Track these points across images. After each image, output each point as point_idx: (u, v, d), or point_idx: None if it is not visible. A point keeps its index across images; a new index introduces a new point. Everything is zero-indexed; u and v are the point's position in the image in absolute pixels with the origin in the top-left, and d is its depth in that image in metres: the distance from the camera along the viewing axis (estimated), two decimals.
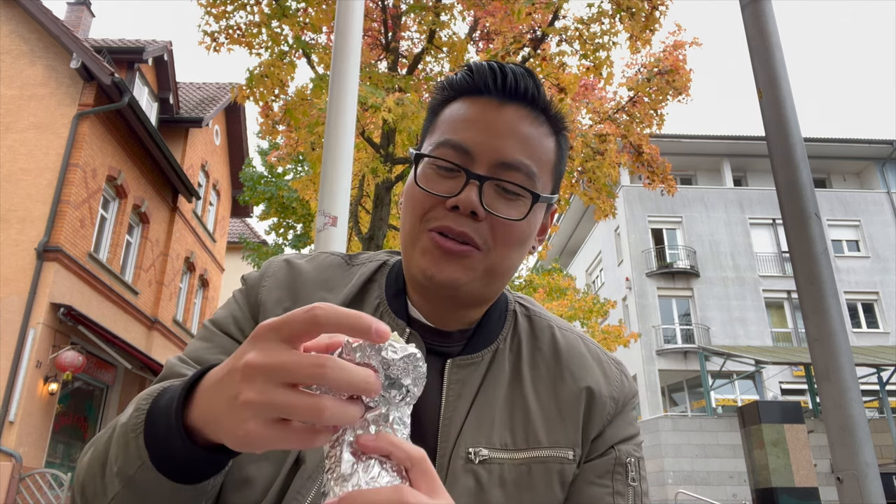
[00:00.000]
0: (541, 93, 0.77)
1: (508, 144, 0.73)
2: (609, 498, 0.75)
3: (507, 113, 0.75)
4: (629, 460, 0.78)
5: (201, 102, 16.34)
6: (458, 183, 0.72)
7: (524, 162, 0.74)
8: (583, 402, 0.78)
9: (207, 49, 8.03)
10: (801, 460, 6.64)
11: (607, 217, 9.73)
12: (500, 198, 0.73)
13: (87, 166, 11.09)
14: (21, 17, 11.50)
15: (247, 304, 0.81)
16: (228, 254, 20.36)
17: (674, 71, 9.85)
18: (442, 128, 0.77)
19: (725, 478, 16.90)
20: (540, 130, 0.76)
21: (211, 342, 0.78)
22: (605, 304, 17.02)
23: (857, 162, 25.30)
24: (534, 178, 0.74)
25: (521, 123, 0.75)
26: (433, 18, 7.75)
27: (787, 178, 1.98)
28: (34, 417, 9.74)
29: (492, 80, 0.75)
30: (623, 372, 0.86)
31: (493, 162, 0.73)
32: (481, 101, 0.76)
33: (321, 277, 0.82)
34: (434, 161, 0.75)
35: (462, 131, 0.74)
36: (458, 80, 0.78)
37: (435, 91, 0.83)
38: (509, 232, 0.73)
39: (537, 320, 0.85)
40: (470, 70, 0.78)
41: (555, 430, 0.76)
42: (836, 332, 1.79)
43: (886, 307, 22.32)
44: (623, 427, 0.80)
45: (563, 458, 0.75)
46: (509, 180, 0.73)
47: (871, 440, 1.70)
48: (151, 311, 13.81)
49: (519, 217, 0.73)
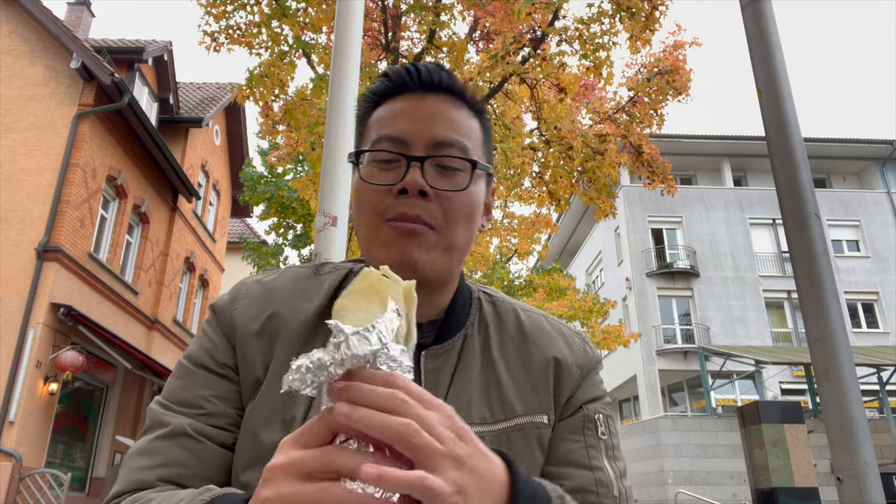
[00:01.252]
0: (455, 81, 0.84)
1: (438, 126, 0.80)
2: (583, 451, 0.80)
3: (430, 101, 0.81)
4: (598, 416, 0.83)
5: (201, 102, 16.34)
6: (400, 171, 0.77)
7: (456, 138, 0.80)
8: (551, 370, 0.84)
9: (207, 49, 8.03)
10: (801, 460, 6.64)
11: (607, 217, 9.73)
12: (441, 175, 0.78)
13: (87, 166, 11.09)
14: (21, 17, 11.50)
15: (220, 331, 0.83)
16: (228, 254, 20.37)
17: (674, 71, 9.85)
18: (372, 129, 0.83)
19: (725, 478, 16.90)
20: (462, 113, 0.83)
21: (188, 380, 0.80)
22: (605, 304, 17.01)
23: (857, 162, 25.30)
24: (467, 151, 0.80)
25: (445, 108, 0.81)
26: (433, 18, 7.75)
27: (787, 178, 1.98)
28: (34, 417, 9.74)
29: (409, 78, 0.82)
30: (585, 342, 0.91)
31: (428, 143, 0.79)
32: (403, 97, 0.82)
33: (293, 289, 0.85)
34: (374, 156, 0.80)
35: (393, 125, 0.80)
36: (378, 87, 0.85)
37: (359, 104, 0.89)
38: (457, 206, 0.78)
39: (501, 305, 0.90)
40: (387, 76, 0.84)
41: (528, 399, 0.81)
42: (836, 332, 1.80)
43: (886, 307, 22.32)
44: (590, 389, 0.86)
45: (539, 423, 0.80)
46: (446, 155, 0.79)
47: (871, 440, 1.70)
48: (151, 311, 13.81)
49: (463, 186, 0.78)
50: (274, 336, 0.79)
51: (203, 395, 0.78)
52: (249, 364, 0.79)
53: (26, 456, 9.44)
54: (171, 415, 0.76)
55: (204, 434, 0.75)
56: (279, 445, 0.50)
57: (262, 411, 0.76)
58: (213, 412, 0.77)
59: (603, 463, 0.79)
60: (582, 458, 0.79)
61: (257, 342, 0.79)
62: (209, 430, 0.76)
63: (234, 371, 0.80)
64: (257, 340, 0.79)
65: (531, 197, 10.11)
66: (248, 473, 0.73)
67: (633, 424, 21.27)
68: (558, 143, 8.78)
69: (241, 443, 0.76)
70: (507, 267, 16.57)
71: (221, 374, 0.80)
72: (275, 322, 0.80)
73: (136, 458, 0.74)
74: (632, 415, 24.78)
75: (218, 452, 0.76)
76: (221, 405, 0.78)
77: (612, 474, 0.79)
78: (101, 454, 12.10)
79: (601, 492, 0.77)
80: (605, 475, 0.78)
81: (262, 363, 0.78)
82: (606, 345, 16.32)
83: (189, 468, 0.73)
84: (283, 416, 0.75)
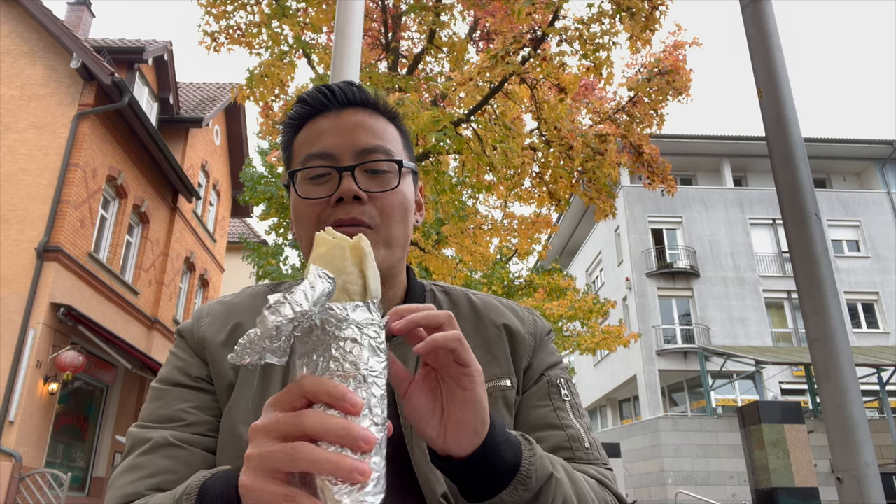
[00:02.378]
0: (368, 94, 0.90)
1: (360, 135, 0.85)
2: (552, 413, 0.86)
3: (347, 115, 0.87)
4: (559, 381, 0.90)
5: (201, 102, 16.34)
6: (333, 183, 0.83)
7: (379, 144, 0.86)
8: (504, 337, 0.90)
9: (207, 49, 8.03)
10: (801, 460, 6.63)
11: (607, 217, 9.72)
12: (371, 179, 0.84)
13: (87, 166, 11.09)
14: (21, 17, 11.50)
15: (188, 348, 0.88)
16: (228, 254, 20.36)
17: (674, 71, 9.84)
18: (299, 150, 0.88)
19: (725, 478, 16.90)
20: (380, 121, 0.89)
21: (163, 399, 0.83)
22: (605, 305, 16.99)
23: (857, 162, 25.29)
24: (391, 153, 0.86)
25: (363, 119, 0.87)
26: (433, 18, 7.75)
27: (787, 178, 1.98)
28: (34, 417, 9.74)
29: (325, 98, 0.88)
30: (534, 314, 0.97)
31: (353, 152, 0.84)
32: (322, 116, 0.88)
33: (252, 303, 0.90)
34: (306, 174, 0.85)
35: (318, 142, 0.86)
36: (297, 112, 0.90)
37: (282, 130, 0.94)
38: (391, 204, 0.84)
39: (453, 292, 0.97)
40: (304, 100, 0.89)
41: (490, 367, 0.86)
42: (836, 332, 1.79)
43: (886, 307, 22.31)
44: (546, 356, 0.92)
45: (503, 386, 0.86)
46: (373, 160, 0.84)
47: (871, 440, 1.70)
48: (151, 311, 13.81)
49: (393, 186, 0.85)
50: None
51: (181, 409, 0.81)
52: (221, 372, 0.83)
53: (26, 456, 9.44)
54: (151, 431, 0.78)
55: (186, 441, 0.77)
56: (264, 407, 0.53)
57: (237, 409, 0.80)
58: (193, 422, 0.80)
59: (572, 421, 0.86)
60: (553, 420, 0.85)
61: (225, 350, 0.84)
62: (191, 438, 0.78)
63: (209, 382, 0.84)
64: (225, 349, 0.84)
65: (531, 197, 10.10)
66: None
67: (633, 424, 21.27)
68: (558, 143, 8.78)
69: (222, 441, 0.79)
70: (507, 267, 16.54)
71: (196, 388, 0.83)
72: (239, 331, 0.86)
73: (122, 476, 0.75)
74: (632, 415, 24.77)
75: (203, 456, 0.78)
76: (200, 414, 0.81)
77: (581, 429, 0.86)
78: (101, 454, 12.10)
79: (574, 446, 0.83)
80: (576, 431, 0.85)
81: (233, 368, 0.82)
82: (606, 345, 16.31)
83: (176, 474, 0.74)
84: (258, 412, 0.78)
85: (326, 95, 0.88)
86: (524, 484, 0.63)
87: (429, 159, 7.82)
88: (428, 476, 0.75)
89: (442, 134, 6.82)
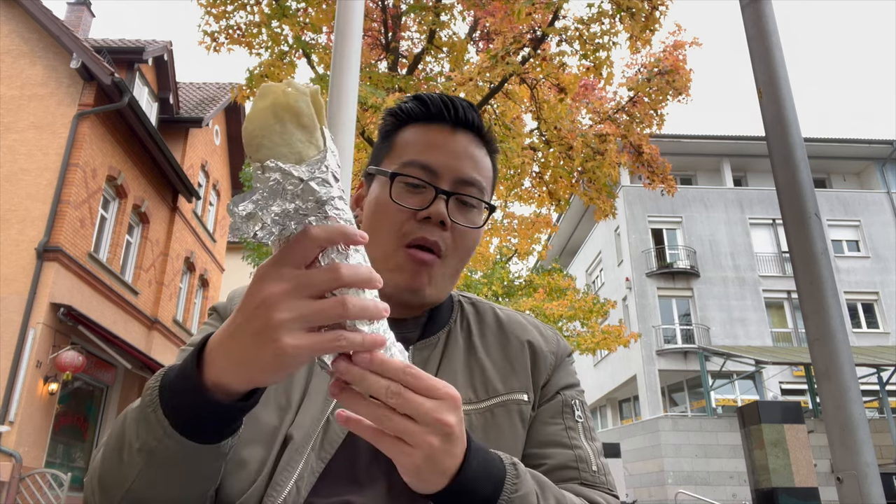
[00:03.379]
0: (481, 121, 0.92)
1: (465, 164, 0.88)
2: (563, 432, 0.87)
3: (460, 138, 0.90)
4: (574, 402, 0.91)
5: (201, 102, 16.34)
6: (426, 197, 0.85)
7: (477, 178, 0.89)
8: (527, 353, 0.92)
9: (207, 49, 8.03)
10: (801, 460, 6.63)
11: (607, 217, 9.73)
12: (460, 210, 0.88)
13: (87, 166, 11.09)
14: (21, 17, 11.50)
15: (221, 322, 0.89)
16: (228, 254, 20.36)
17: (674, 71, 9.84)
18: (403, 150, 0.90)
19: (725, 478, 16.90)
20: (482, 152, 0.92)
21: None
22: (605, 304, 16.99)
23: (857, 162, 25.29)
24: (484, 192, 0.90)
25: (471, 147, 0.90)
26: (433, 18, 7.75)
27: (787, 178, 1.98)
28: (34, 417, 9.74)
29: (445, 110, 0.90)
30: (557, 334, 1.00)
31: (454, 179, 0.87)
32: (435, 127, 0.90)
33: None
34: (404, 178, 0.87)
35: (426, 153, 0.88)
36: (411, 108, 0.92)
37: (386, 116, 0.96)
38: (468, 240, 0.88)
39: (480, 305, 1.00)
40: (422, 101, 0.91)
41: (509, 379, 0.89)
42: (836, 332, 1.79)
43: (886, 307, 22.31)
44: (564, 377, 0.94)
45: (520, 399, 0.88)
46: (468, 194, 0.88)
47: (871, 440, 1.70)
48: (151, 311, 13.81)
49: (478, 224, 0.89)
50: None
51: None
52: None
53: (26, 456, 9.44)
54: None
55: None
56: (270, 266, 0.53)
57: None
58: None
59: (581, 442, 0.87)
60: (562, 439, 0.87)
61: None
62: None
63: None
64: None
65: (531, 197, 10.11)
66: (246, 450, 0.77)
67: (633, 424, 21.28)
68: (558, 143, 8.78)
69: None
70: (507, 267, 16.55)
71: None
72: None
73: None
74: (632, 415, 24.78)
75: None
76: None
77: (591, 452, 0.87)
78: None
79: (581, 467, 0.84)
80: (585, 452, 0.86)
81: None
82: (606, 345, 16.30)
83: None
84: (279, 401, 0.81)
85: (448, 108, 0.90)
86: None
87: None
88: None
89: None
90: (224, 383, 0.57)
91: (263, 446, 0.78)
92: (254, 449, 0.77)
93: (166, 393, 0.61)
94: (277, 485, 0.75)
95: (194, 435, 0.60)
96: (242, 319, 0.54)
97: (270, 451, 0.77)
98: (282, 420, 0.79)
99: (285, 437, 0.78)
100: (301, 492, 0.75)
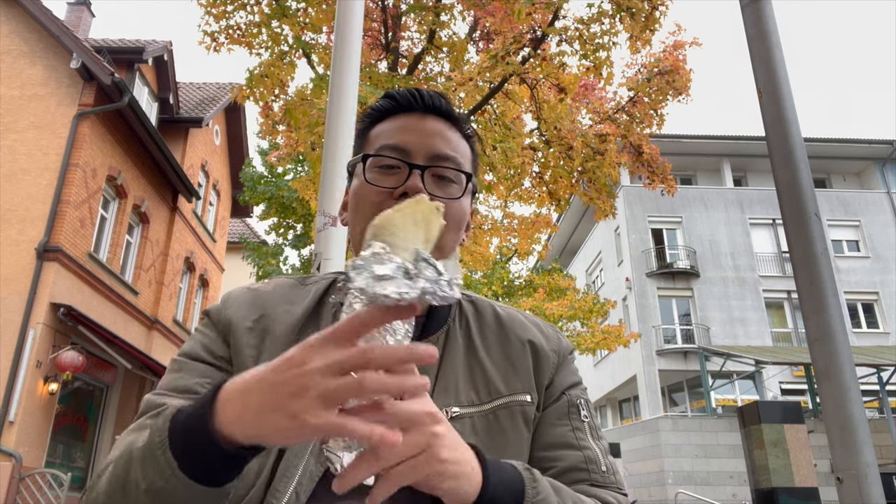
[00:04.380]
0: (451, 107, 0.93)
1: (437, 142, 0.89)
2: (571, 433, 0.87)
3: (430, 122, 0.91)
4: (579, 402, 0.91)
5: (201, 102, 16.33)
6: (401, 177, 0.86)
7: (451, 153, 0.89)
8: (528, 353, 0.91)
9: (207, 49, 8.02)
10: (801, 460, 6.63)
11: (607, 217, 9.73)
12: (437, 184, 0.87)
13: (87, 166, 11.09)
14: (21, 17, 11.50)
15: (214, 329, 0.89)
16: (228, 254, 20.36)
17: (674, 71, 9.84)
18: (376, 139, 0.91)
19: (725, 478, 16.90)
20: (455, 134, 0.92)
21: (182, 371, 0.84)
22: (605, 304, 17.00)
23: (857, 162, 25.29)
24: (461, 166, 0.90)
25: (443, 128, 0.91)
26: (433, 18, 7.74)
27: (787, 178, 1.98)
28: (34, 417, 9.74)
29: (413, 100, 0.91)
30: (558, 332, 0.99)
31: (428, 155, 0.87)
32: (406, 115, 0.92)
33: (280, 294, 0.92)
34: (377, 161, 0.88)
35: (397, 136, 0.89)
36: (382, 104, 0.93)
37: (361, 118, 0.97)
38: (450, 213, 0.86)
39: (480, 302, 0.98)
40: (391, 96, 0.93)
41: (511, 380, 0.88)
42: (836, 332, 1.80)
43: (886, 307, 22.31)
44: (568, 376, 0.93)
45: (523, 401, 0.87)
46: (445, 166, 0.88)
47: (871, 440, 1.70)
48: (151, 311, 13.81)
49: (457, 196, 0.88)
50: (264, 333, 0.85)
51: (198, 382, 0.82)
52: (242, 357, 0.84)
53: (26, 456, 9.44)
54: (165, 398, 0.79)
55: None
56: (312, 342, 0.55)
57: None
58: None
59: (589, 442, 0.87)
60: (570, 440, 0.86)
61: (250, 335, 0.85)
62: None
63: (228, 363, 0.85)
64: (250, 334, 0.85)
65: (531, 197, 10.10)
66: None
67: (633, 424, 21.27)
68: (558, 143, 8.78)
69: None
70: (507, 267, 16.56)
71: (216, 365, 0.84)
72: (265, 321, 0.87)
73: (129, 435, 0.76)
74: (632, 415, 24.77)
75: None
76: None
77: (599, 452, 0.86)
78: (101, 454, 12.09)
79: (591, 468, 0.84)
80: (593, 453, 0.86)
81: (253, 357, 0.83)
82: (606, 345, 16.30)
83: None
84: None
85: (415, 97, 0.91)
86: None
87: None
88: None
89: None
90: (230, 434, 0.58)
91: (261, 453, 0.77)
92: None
93: (176, 436, 0.62)
94: (277, 491, 0.75)
95: (202, 478, 0.61)
96: (274, 380, 0.55)
97: (268, 456, 0.77)
98: None
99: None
100: (300, 497, 0.75)
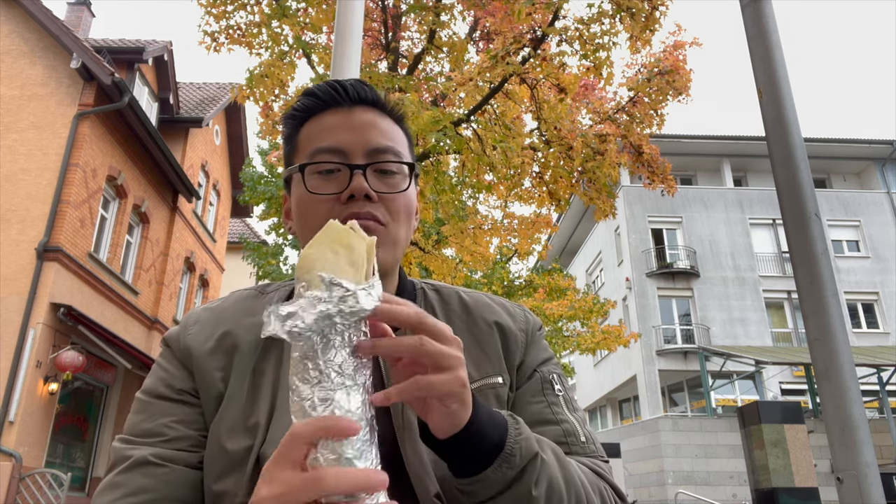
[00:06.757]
0: (376, 94, 0.90)
1: (373, 135, 0.85)
2: (547, 409, 0.86)
3: (358, 113, 0.87)
4: (552, 377, 0.90)
5: (201, 102, 16.34)
6: (343, 179, 0.83)
7: (389, 145, 0.86)
8: (496, 335, 0.90)
9: (207, 49, 8.02)
10: (801, 460, 6.63)
11: (607, 217, 9.72)
12: (381, 180, 0.85)
13: (87, 166, 11.09)
14: (21, 17, 11.50)
15: (174, 359, 0.86)
16: (228, 254, 20.36)
17: (674, 71, 9.83)
18: (306, 144, 0.87)
19: (725, 478, 16.90)
20: (388, 122, 0.89)
21: (146, 412, 0.82)
22: (605, 304, 16.99)
23: (857, 162, 25.30)
24: (400, 155, 0.87)
25: (374, 118, 0.87)
26: (433, 18, 7.74)
27: (787, 178, 1.98)
28: (34, 417, 9.74)
29: (336, 93, 0.87)
30: (525, 311, 0.98)
31: (365, 151, 0.84)
32: (333, 111, 0.87)
33: (241, 307, 0.89)
34: (315, 168, 0.84)
35: (329, 137, 0.85)
36: (304, 103, 0.89)
37: (285, 121, 0.93)
38: (399, 205, 0.85)
39: (444, 290, 0.97)
40: (312, 93, 0.89)
41: (482, 364, 0.87)
42: (836, 332, 1.80)
43: (886, 307, 22.31)
44: (538, 353, 0.93)
45: (495, 383, 0.86)
46: (385, 161, 0.85)
47: (871, 440, 1.70)
48: (151, 311, 13.81)
49: (403, 188, 0.85)
50: (231, 350, 0.84)
51: (163, 423, 0.80)
52: (209, 382, 0.82)
53: (26, 456, 9.44)
54: (133, 447, 0.78)
55: (167, 458, 0.78)
56: (265, 471, 0.53)
57: (225, 422, 0.79)
58: (174, 437, 0.79)
59: (567, 415, 0.86)
60: (548, 415, 0.85)
61: (213, 359, 0.83)
62: (172, 454, 0.78)
63: (193, 395, 0.83)
64: (213, 358, 0.83)
65: (531, 197, 10.10)
66: (220, 483, 0.76)
67: (633, 424, 21.28)
68: (558, 144, 8.77)
69: (209, 455, 0.79)
70: (507, 267, 16.55)
71: (180, 401, 0.82)
72: (229, 339, 0.84)
73: (102, 495, 0.76)
74: (632, 415, 24.78)
75: (184, 472, 0.78)
76: (183, 429, 0.80)
77: (577, 423, 0.86)
78: (101, 454, 12.10)
79: (570, 440, 0.83)
80: (571, 425, 0.85)
81: (222, 378, 0.82)
82: (606, 345, 16.30)
83: (155, 492, 0.75)
84: (246, 424, 0.78)
85: (338, 91, 0.87)
86: (508, 462, 0.65)
87: (429, 159, 7.82)
88: (421, 476, 0.75)
89: (442, 134, 6.82)
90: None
91: (236, 473, 0.76)
92: (226, 481, 0.76)
93: None
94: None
95: None
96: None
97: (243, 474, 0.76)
98: (253, 440, 0.77)
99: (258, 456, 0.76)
100: None
